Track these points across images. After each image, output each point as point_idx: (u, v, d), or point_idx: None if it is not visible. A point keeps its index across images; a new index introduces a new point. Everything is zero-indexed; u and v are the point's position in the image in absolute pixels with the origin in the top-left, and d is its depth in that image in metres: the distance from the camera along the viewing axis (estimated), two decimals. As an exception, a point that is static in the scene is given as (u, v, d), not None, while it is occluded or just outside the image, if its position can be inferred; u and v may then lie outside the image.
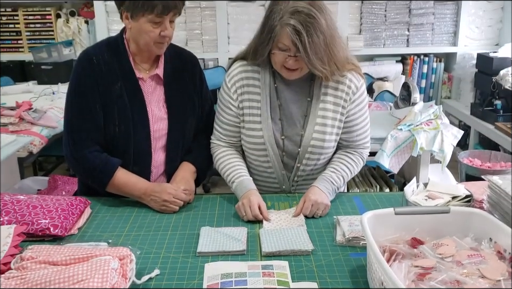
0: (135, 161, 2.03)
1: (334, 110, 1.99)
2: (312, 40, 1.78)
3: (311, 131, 1.99)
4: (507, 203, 1.50)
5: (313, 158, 2.03)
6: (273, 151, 2.01)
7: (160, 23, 1.90)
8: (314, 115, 1.99)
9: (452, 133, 2.70)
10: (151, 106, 2.05)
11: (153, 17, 1.88)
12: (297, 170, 2.06)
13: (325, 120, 1.99)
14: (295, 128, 2.02)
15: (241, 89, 2.02)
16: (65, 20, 5.03)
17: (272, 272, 1.48)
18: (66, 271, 1.32)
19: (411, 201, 1.70)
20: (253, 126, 2.01)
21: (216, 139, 2.11)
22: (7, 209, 1.74)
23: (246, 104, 2.02)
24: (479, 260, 1.33)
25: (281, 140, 2.02)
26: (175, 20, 1.96)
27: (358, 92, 2.00)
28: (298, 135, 2.02)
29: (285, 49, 1.84)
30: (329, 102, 1.99)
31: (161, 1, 1.84)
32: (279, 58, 1.88)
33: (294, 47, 1.81)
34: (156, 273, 1.50)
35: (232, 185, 2.00)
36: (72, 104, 2.00)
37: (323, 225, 1.82)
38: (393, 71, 4.96)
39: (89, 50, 2.04)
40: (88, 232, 1.79)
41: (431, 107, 2.83)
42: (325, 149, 2.02)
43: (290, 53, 1.84)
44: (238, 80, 2.03)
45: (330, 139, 2.01)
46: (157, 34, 1.91)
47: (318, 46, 1.80)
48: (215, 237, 1.69)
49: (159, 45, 1.96)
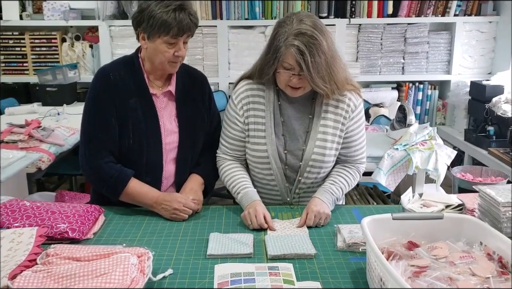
0: (147, 172, 2.15)
1: (334, 126, 2.12)
2: (314, 60, 1.92)
3: (312, 147, 2.11)
4: (496, 210, 1.61)
5: (314, 172, 2.14)
6: (276, 165, 2.12)
7: (175, 44, 2.04)
8: (316, 132, 2.11)
9: (445, 153, 2.82)
10: (163, 121, 2.17)
11: (168, 39, 2.02)
12: (298, 183, 2.17)
13: (325, 136, 2.11)
14: (297, 143, 2.13)
15: (247, 106, 2.14)
16: (70, 44, 5.14)
17: (278, 272, 1.58)
18: (90, 265, 1.43)
19: (407, 209, 1.81)
20: (257, 140, 2.13)
21: (222, 153, 2.23)
22: (28, 214, 1.85)
23: (252, 120, 2.14)
24: (470, 261, 1.44)
25: (284, 154, 2.13)
26: (188, 41, 2.10)
27: (357, 110, 2.14)
28: (300, 149, 2.13)
29: (289, 68, 1.97)
30: (330, 119, 2.12)
31: (177, 24, 1.99)
32: (284, 77, 2.01)
33: (298, 66, 1.94)
34: (169, 272, 1.60)
35: (238, 196, 2.11)
36: (89, 116, 2.13)
37: (324, 233, 1.93)
38: (389, 98, 5.07)
39: (106, 67, 2.17)
40: (103, 236, 1.89)
41: (425, 129, 2.96)
42: (325, 163, 2.14)
43: (294, 72, 1.97)
44: (244, 98, 2.15)
45: (330, 154, 2.13)
46: (171, 54, 2.05)
47: (320, 65, 1.94)
48: (223, 241, 1.80)
49: (172, 64, 2.10)
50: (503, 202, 1.60)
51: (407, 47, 5.04)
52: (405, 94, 5.18)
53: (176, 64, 2.11)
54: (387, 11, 4.97)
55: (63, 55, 5.16)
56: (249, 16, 4.98)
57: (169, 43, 2.03)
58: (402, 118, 3.32)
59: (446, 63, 5.12)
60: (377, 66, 5.10)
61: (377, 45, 5.05)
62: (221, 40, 5.00)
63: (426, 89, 5.21)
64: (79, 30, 5.26)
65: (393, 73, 5.12)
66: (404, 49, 5.05)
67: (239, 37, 5.00)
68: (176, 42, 2.04)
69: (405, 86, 5.19)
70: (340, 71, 2.04)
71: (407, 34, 5.00)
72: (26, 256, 1.54)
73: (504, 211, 1.60)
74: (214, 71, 5.07)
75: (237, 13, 4.98)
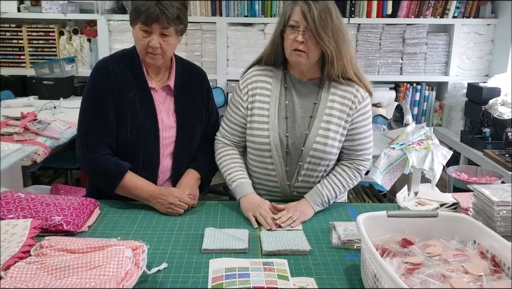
0: (144, 165, 2.14)
1: (339, 116, 2.08)
2: (320, 16, 1.92)
3: (316, 133, 2.07)
4: (491, 209, 1.62)
5: (314, 162, 2.09)
6: (277, 151, 2.09)
7: (150, 33, 2.04)
8: (320, 117, 2.08)
9: (441, 153, 2.83)
10: (161, 115, 2.17)
11: (141, 26, 2.03)
12: (300, 170, 2.12)
13: (329, 125, 2.07)
14: (299, 127, 2.10)
15: (253, 91, 2.14)
16: (68, 38, 5.13)
17: (273, 267, 1.58)
18: (84, 258, 1.42)
19: (402, 207, 1.82)
20: (260, 126, 2.11)
21: (222, 136, 2.23)
22: (22, 205, 1.85)
23: (256, 105, 2.13)
24: (463, 258, 1.45)
25: (286, 137, 2.10)
26: (171, 35, 2.07)
27: (364, 102, 2.11)
28: (303, 134, 2.09)
29: (295, 26, 1.97)
30: (336, 108, 2.08)
31: (145, 11, 2.00)
32: (290, 37, 1.99)
33: (304, 20, 1.94)
34: (164, 266, 1.60)
35: (232, 184, 2.12)
36: (87, 109, 2.13)
37: (319, 229, 1.93)
38: (386, 98, 5.08)
39: (105, 59, 2.18)
40: (98, 230, 1.89)
41: (422, 129, 2.97)
42: (327, 154, 2.08)
43: (300, 29, 1.96)
44: (251, 83, 2.16)
45: (333, 145, 2.08)
46: (146, 43, 2.05)
47: (327, 23, 1.94)
48: (218, 236, 1.80)
49: (150, 56, 2.09)
50: (497, 201, 1.60)
51: (405, 47, 5.04)
52: (403, 94, 5.19)
53: (154, 56, 2.09)
54: (386, 11, 4.97)
55: (61, 48, 5.14)
56: (248, 13, 4.97)
57: (144, 31, 2.05)
58: (400, 117, 3.33)
59: (443, 64, 5.13)
60: (375, 66, 5.10)
61: (376, 45, 5.05)
62: (220, 37, 5.00)
63: (424, 90, 5.22)
64: (77, 24, 5.24)
65: (391, 73, 5.13)
66: (402, 49, 5.05)
67: (238, 34, 4.99)
68: (150, 32, 2.04)
69: (403, 86, 5.20)
70: (347, 48, 2.03)
71: (405, 35, 5.00)
72: (20, 248, 1.54)
73: (498, 210, 1.60)
74: (212, 68, 5.06)
75: (236, 10, 4.97)
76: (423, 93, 5.23)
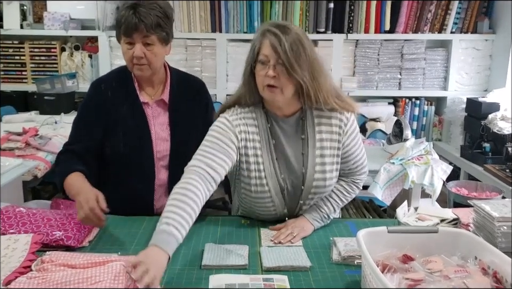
0: (140, 179, 2.18)
1: (331, 146, 2.02)
2: (292, 48, 1.80)
3: (312, 171, 2.00)
4: (491, 225, 1.62)
5: (317, 197, 2.07)
6: (277, 195, 2.02)
7: (134, 44, 2.09)
8: (313, 154, 2.00)
9: (441, 168, 2.84)
10: (155, 129, 2.22)
11: (125, 38, 2.09)
12: (301, 207, 2.08)
13: (323, 159, 2.01)
14: (294, 166, 2.02)
15: (245, 134, 1.99)
16: (69, 54, 5.16)
17: (273, 283, 1.59)
18: (84, 273, 1.43)
19: (403, 222, 1.82)
20: (257, 174, 1.99)
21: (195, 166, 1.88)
22: (24, 220, 1.85)
23: (250, 152, 1.99)
24: (464, 275, 1.44)
25: (283, 180, 2.02)
26: (154, 43, 2.10)
27: (349, 123, 2.03)
28: (299, 173, 2.02)
29: (266, 61, 1.85)
30: (325, 140, 2.01)
31: (124, 22, 2.05)
32: (260, 74, 1.86)
33: (274, 53, 1.81)
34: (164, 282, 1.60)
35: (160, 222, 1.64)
36: (74, 123, 2.23)
37: (320, 245, 1.93)
38: (385, 112, 5.10)
39: (100, 78, 2.30)
40: (99, 245, 1.89)
41: (422, 144, 2.98)
42: (328, 187, 2.05)
43: (271, 63, 1.83)
44: (243, 124, 2.00)
45: (331, 177, 2.04)
46: (131, 55, 2.10)
47: (298, 53, 1.81)
48: (218, 252, 1.80)
49: (137, 67, 2.13)
50: (498, 217, 1.61)
51: (403, 62, 5.06)
52: (402, 109, 5.21)
53: (141, 67, 2.12)
54: (384, 27, 4.99)
55: (62, 64, 5.17)
56: (248, 29, 5.02)
57: (129, 43, 2.09)
58: (399, 132, 3.34)
59: (442, 79, 5.15)
60: (374, 81, 5.12)
61: (374, 60, 5.08)
62: (220, 53, 5.04)
63: (423, 105, 5.23)
64: (79, 40, 5.28)
65: (390, 88, 5.14)
66: (401, 65, 5.07)
67: (238, 50, 5.02)
68: (133, 42, 2.08)
69: (402, 101, 5.22)
70: (325, 78, 1.91)
71: (404, 50, 5.03)
72: (21, 263, 1.54)
73: (499, 226, 1.61)
74: (212, 82, 5.08)
75: (236, 27, 5.02)
76: (422, 107, 5.24)
